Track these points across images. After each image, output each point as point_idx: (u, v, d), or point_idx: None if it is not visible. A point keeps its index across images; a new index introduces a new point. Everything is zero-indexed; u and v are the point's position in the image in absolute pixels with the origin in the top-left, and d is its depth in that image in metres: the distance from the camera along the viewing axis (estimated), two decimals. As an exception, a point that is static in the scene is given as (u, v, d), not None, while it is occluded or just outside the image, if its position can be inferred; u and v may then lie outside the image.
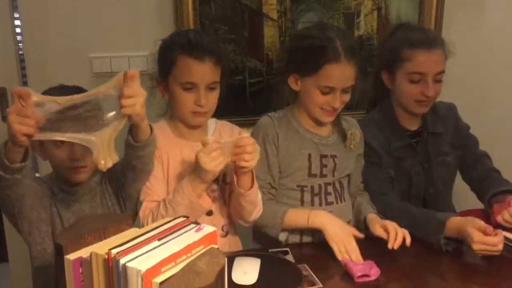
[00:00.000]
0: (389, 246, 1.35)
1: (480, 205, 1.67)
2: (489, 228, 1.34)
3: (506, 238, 1.39)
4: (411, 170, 1.65)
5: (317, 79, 1.40)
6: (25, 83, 1.84)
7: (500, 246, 1.33)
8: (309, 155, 1.48)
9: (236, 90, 2.02)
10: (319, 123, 1.50)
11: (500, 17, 2.23)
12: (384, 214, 1.50)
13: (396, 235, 1.36)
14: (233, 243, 1.49)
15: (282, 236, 1.44)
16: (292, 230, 1.47)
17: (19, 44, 1.81)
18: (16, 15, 1.79)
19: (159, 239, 0.85)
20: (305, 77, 1.44)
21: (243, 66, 2.03)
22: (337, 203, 1.51)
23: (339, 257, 1.33)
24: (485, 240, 1.32)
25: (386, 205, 1.52)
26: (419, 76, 1.57)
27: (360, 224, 1.51)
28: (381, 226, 1.41)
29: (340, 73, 1.39)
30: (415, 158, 1.66)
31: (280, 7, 2.00)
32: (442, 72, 1.59)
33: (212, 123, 1.49)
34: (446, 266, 1.37)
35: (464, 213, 1.57)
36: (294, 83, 1.47)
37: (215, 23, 1.96)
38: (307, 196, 1.49)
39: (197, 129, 1.43)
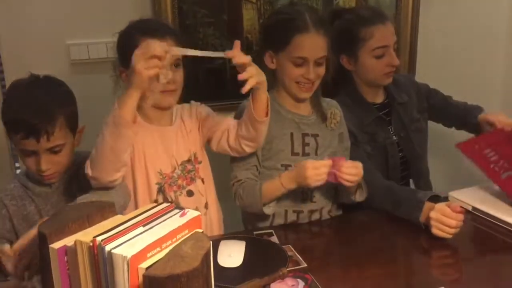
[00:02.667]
0: None
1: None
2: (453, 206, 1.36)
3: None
4: (386, 141, 1.71)
5: (289, 51, 1.43)
6: (0, 72, 1.80)
7: (452, 230, 1.34)
8: (291, 134, 1.50)
9: (216, 74, 2.01)
10: (298, 100, 1.52)
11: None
12: (372, 193, 1.53)
13: None
14: (216, 221, 1.51)
15: (268, 210, 1.45)
16: (277, 209, 1.49)
17: (-7, 32, 1.77)
18: (-11, 2, 1.75)
19: (143, 225, 0.85)
20: (279, 53, 1.46)
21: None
22: None
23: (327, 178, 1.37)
24: (441, 219, 1.34)
25: (371, 183, 1.54)
26: (383, 50, 1.63)
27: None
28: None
29: (310, 43, 1.42)
30: (386, 130, 1.73)
31: (258, -11, 1.99)
32: (396, 41, 1.69)
33: (173, 108, 1.48)
34: (427, 242, 1.39)
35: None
36: (270, 61, 1.49)
37: (193, 7, 1.94)
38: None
39: (166, 112, 1.44)
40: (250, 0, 2.00)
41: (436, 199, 1.42)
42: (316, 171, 1.35)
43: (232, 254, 1.22)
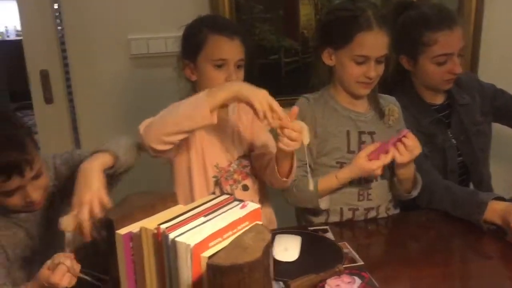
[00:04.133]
0: None
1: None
2: None
3: None
4: (444, 144, 1.64)
5: (351, 49, 1.40)
6: (66, 65, 1.88)
7: None
8: (348, 132, 1.48)
9: (272, 69, 2.02)
10: (356, 97, 1.49)
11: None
12: (431, 192, 1.49)
13: None
14: (269, 216, 1.51)
15: (323, 204, 1.44)
16: (333, 206, 1.47)
17: (59, 27, 1.85)
18: (56, -2, 1.83)
19: (205, 215, 0.87)
20: (339, 50, 1.43)
21: (278, 45, 2.02)
22: (376, 180, 1.50)
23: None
24: None
25: (432, 182, 1.50)
26: (445, 57, 1.55)
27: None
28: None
29: (373, 41, 1.38)
30: (445, 133, 1.65)
31: (315, -14, 1.98)
32: (464, 47, 1.59)
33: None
34: (487, 245, 1.34)
35: None
36: (328, 58, 1.47)
37: (250, 2, 1.95)
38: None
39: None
40: (307, -4, 1.99)
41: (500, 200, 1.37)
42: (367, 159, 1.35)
43: (288, 248, 1.22)
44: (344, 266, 1.15)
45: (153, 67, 1.92)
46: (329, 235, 1.35)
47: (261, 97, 1.19)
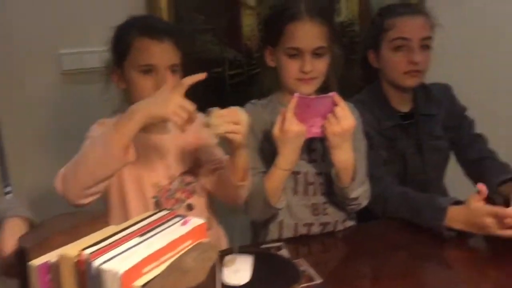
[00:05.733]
0: None
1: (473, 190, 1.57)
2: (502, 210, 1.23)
3: None
4: (405, 152, 1.57)
5: (283, 43, 1.33)
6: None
7: None
8: None
9: (216, 83, 1.91)
10: None
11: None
12: (385, 200, 1.42)
13: None
14: (218, 236, 1.39)
15: (280, 204, 1.33)
16: (287, 221, 1.38)
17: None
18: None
19: (139, 235, 0.74)
20: (276, 48, 1.36)
21: (222, 57, 1.93)
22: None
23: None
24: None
25: (385, 190, 1.43)
26: (403, 41, 1.51)
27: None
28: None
29: (303, 31, 1.31)
30: (408, 141, 1.59)
31: (258, -6, 1.92)
32: (429, 38, 1.53)
33: None
34: (448, 253, 1.28)
35: None
36: (270, 59, 1.40)
37: (191, 13, 1.86)
38: (300, 185, 1.38)
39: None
40: (249, 6, 1.92)
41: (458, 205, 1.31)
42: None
43: (238, 270, 1.10)
44: (301, 286, 1.05)
45: (87, 83, 1.78)
46: (284, 252, 1.25)
47: (173, 107, 1.04)
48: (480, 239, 1.27)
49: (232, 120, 1.11)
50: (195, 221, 0.78)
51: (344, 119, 1.24)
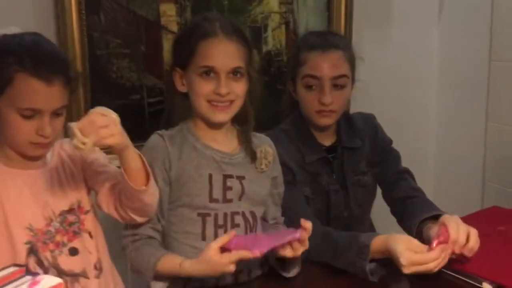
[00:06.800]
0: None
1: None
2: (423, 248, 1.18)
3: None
4: (329, 188, 1.49)
5: (195, 62, 1.22)
6: None
7: (433, 265, 1.16)
8: (210, 176, 1.26)
9: (134, 111, 1.78)
10: (214, 126, 1.29)
11: (406, 33, 2.21)
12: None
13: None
14: (111, 281, 1.23)
15: (157, 286, 1.20)
16: (174, 280, 1.22)
17: None
18: None
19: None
20: (186, 68, 1.25)
21: (140, 84, 1.80)
22: None
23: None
24: (415, 260, 1.15)
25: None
26: (314, 80, 1.44)
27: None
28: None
29: (219, 49, 1.21)
30: (331, 176, 1.51)
31: (180, 18, 1.81)
32: (342, 76, 1.46)
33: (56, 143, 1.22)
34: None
35: None
36: (180, 83, 1.28)
37: (106, 36, 1.72)
38: (209, 229, 1.26)
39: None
40: (170, 30, 1.81)
41: None
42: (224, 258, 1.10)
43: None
44: None
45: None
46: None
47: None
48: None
49: (99, 125, 0.98)
50: (48, 281, 0.63)
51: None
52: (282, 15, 1.98)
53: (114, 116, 1.02)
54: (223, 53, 1.22)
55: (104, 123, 0.99)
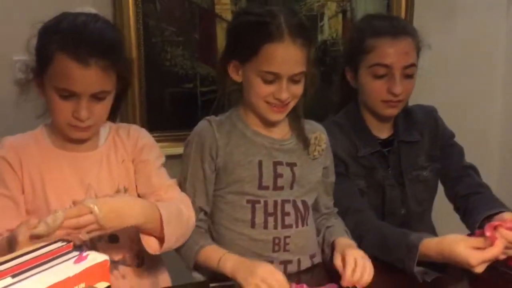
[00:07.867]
0: (342, 283, 1.10)
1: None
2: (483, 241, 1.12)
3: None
4: (384, 182, 1.42)
5: (258, 63, 1.17)
6: None
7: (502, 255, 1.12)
8: (260, 163, 1.22)
9: (186, 100, 1.78)
10: (268, 123, 1.25)
11: (471, 24, 2.09)
12: (360, 237, 1.27)
13: (354, 270, 1.10)
14: (154, 273, 1.21)
15: (197, 275, 1.18)
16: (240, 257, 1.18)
17: None
18: None
19: (12, 276, 0.58)
20: (246, 64, 1.20)
21: (193, 72, 1.80)
22: (297, 226, 1.25)
23: None
24: (485, 258, 1.10)
25: (357, 223, 1.29)
26: (384, 69, 1.36)
27: (327, 253, 1.26)
28: (341, 255, 1.15)
29: (284, 55, 1.15)
30: (387, 171, 1.44)
31: (234, 7, 1.79)
32: (412, 65, 1.38)
33: (106, 127, 1.21)
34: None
35: None
36: (235, 73, 1.23)
37: (161, 24, 1.73)
38: (259, 216, 1.22)
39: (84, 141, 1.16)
40: (224, 19, 1.79)
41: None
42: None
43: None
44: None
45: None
46: (235, 293, 1.09)
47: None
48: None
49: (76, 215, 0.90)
50: (94, 257, 0.62)
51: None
52: (339, 3, 1.92)
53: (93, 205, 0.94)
54: (287, 60, 1.16)
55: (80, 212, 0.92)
